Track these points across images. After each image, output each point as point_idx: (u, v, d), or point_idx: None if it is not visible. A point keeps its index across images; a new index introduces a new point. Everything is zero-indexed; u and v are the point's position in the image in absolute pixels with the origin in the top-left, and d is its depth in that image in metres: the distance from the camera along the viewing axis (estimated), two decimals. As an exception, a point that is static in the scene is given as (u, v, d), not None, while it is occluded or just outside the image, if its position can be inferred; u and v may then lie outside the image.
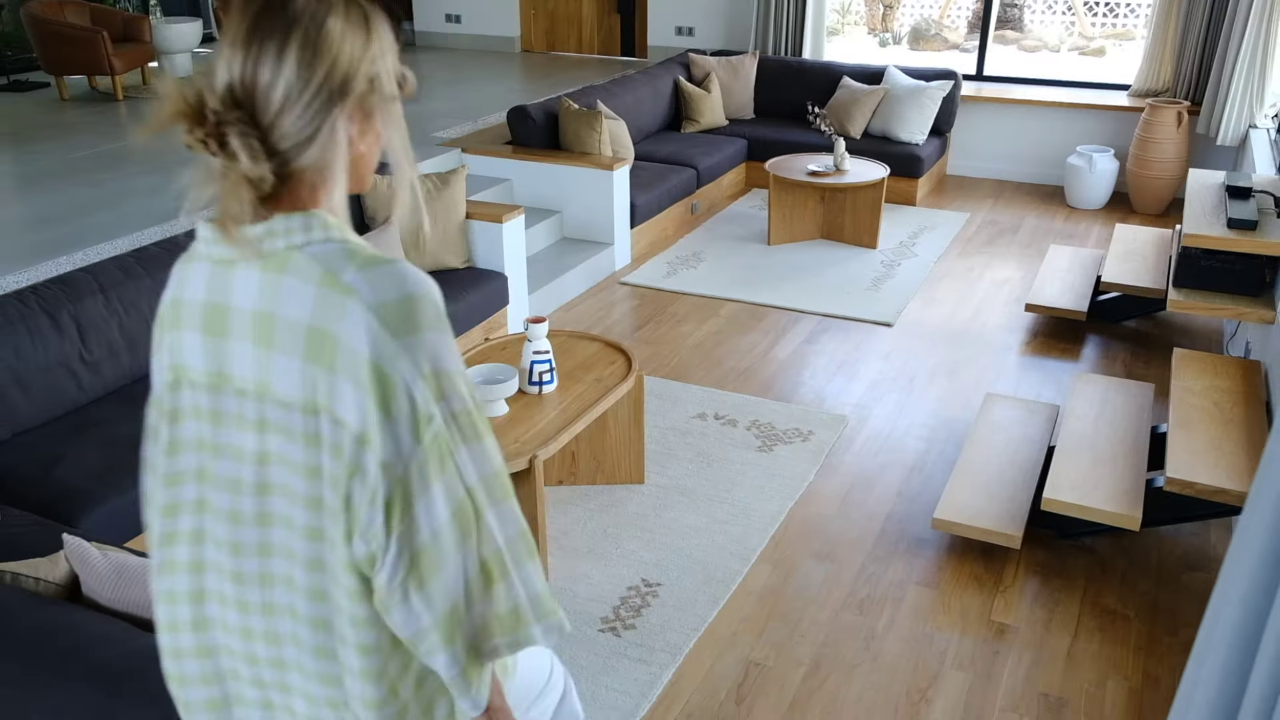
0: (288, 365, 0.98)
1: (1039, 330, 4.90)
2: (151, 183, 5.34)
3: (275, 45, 0.98)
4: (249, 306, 1.00)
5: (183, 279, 1.07)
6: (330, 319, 0.96)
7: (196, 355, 1.04)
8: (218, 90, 1.00)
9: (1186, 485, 2.81)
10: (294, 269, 0.99)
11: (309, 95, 0.99)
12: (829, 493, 3.60)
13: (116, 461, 3.16)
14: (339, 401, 0.97)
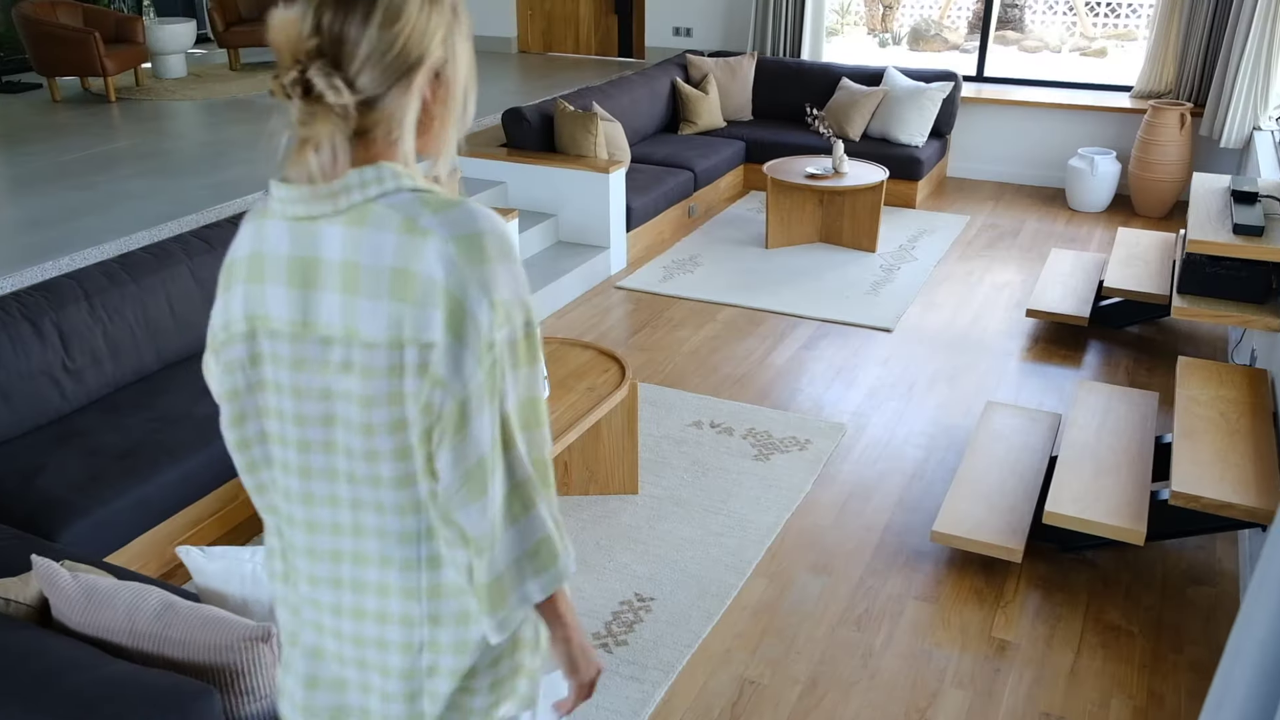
0: (374, 308, 1.04)
1: (1040, 336, 4.83)
2: (143, 186, 5.27)
3: (362, 8, 1.04)
4: (336, 258, 1.06)
5: (260, 235, 1.12)
6: (411, 259, 1.03)
7: (281, 305, 1.10)
8: (305, 39, 1.04)
9: (1192, 499, 2.74)
10: (374, 220, 1.05)
11: (390, 56, 1.05)
12: (826, 503, 3.54)
13: (99, 472, 3.09)
14: (423, 329, 1.03)
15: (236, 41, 8.42)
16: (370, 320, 1.05)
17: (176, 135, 6.39)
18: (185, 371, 3.68)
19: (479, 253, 1.07)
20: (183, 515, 3.28)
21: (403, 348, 1.05)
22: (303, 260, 1.09)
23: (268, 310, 1.11)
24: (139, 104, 7.29)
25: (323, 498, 1.14)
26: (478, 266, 1.06)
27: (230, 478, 3.39)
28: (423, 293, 1.04)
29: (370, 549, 1.14)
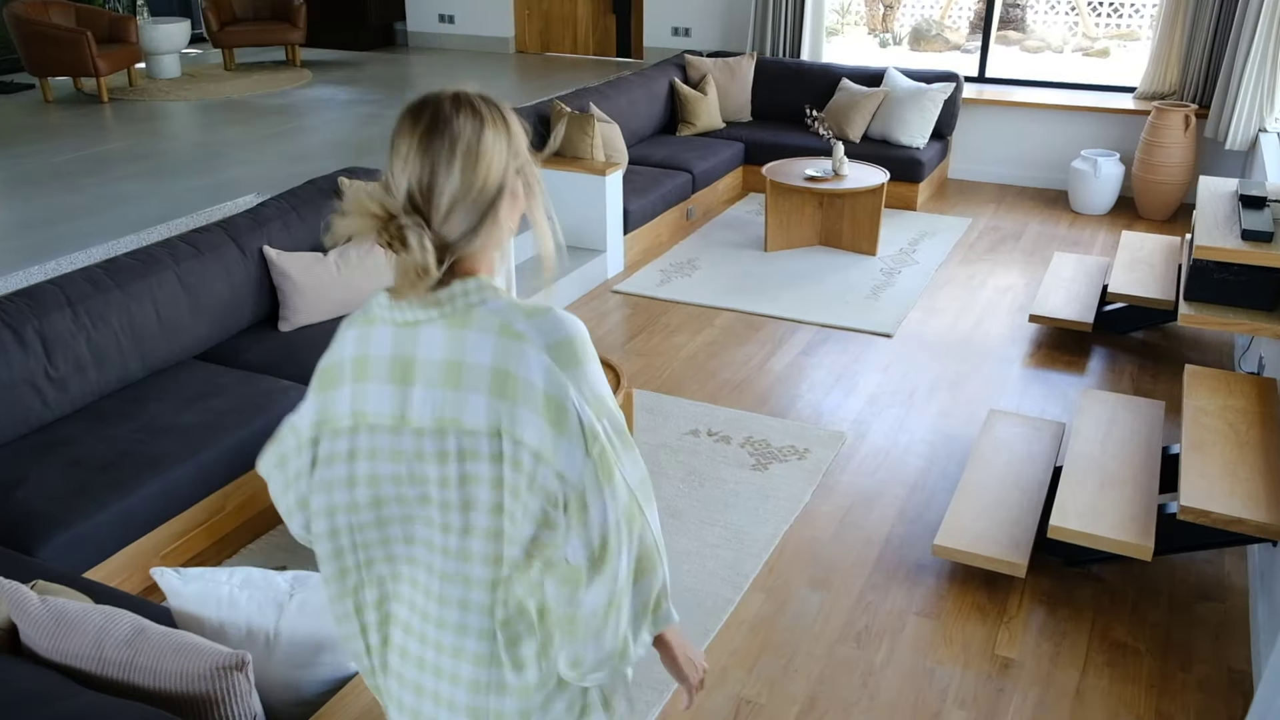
0: (475, 400, 1.17)
1: (1043, 341, 4.75)
2: (133, 188, 5.20)
3: (445, 159, 1.17)
4: (438, 357, 1.19)
5: (365, 339, 1.24)
6: (510, 361, 1.16)
7: (383, 402, 1.22)
8: (399, 199, 1.17)
9: (1202, 514, 2.66)
10: (475, 324, 1.19)
11: (473, 196, 1.19)
12: (826, 514, 3.46)
13: (82, 484, 3.02)
14: (519, 425, 1.16)
15: (231, 41, 8.35)
16: (472, 411, 1.18)
17: (169, 136, 6.31)
18: (172, 379, 3.60)
19: (571, 357, 1.19)
20: (167, 528, 3.21)
21: (501, 438, 1.18)
22: (403, 359, 1.21)
23: (368, 406, 1.23)
24: (132, 104, 7.22)
25: (411, 572, 1.27)
26: (571, 370, 1.19)
27: (217, 488, 3.32)
28: (523, 395, 1.17)
29: (451, 618, 1.26)
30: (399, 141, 1.19)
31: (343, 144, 6.08)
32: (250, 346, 3.86)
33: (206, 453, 3.25)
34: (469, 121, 1.20)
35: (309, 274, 4.00)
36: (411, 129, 1.19)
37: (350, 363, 1.25)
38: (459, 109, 1.20)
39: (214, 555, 3.30)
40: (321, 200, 4.31)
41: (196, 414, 3.40)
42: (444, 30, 9.32)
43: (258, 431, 3.40)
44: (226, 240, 3.92)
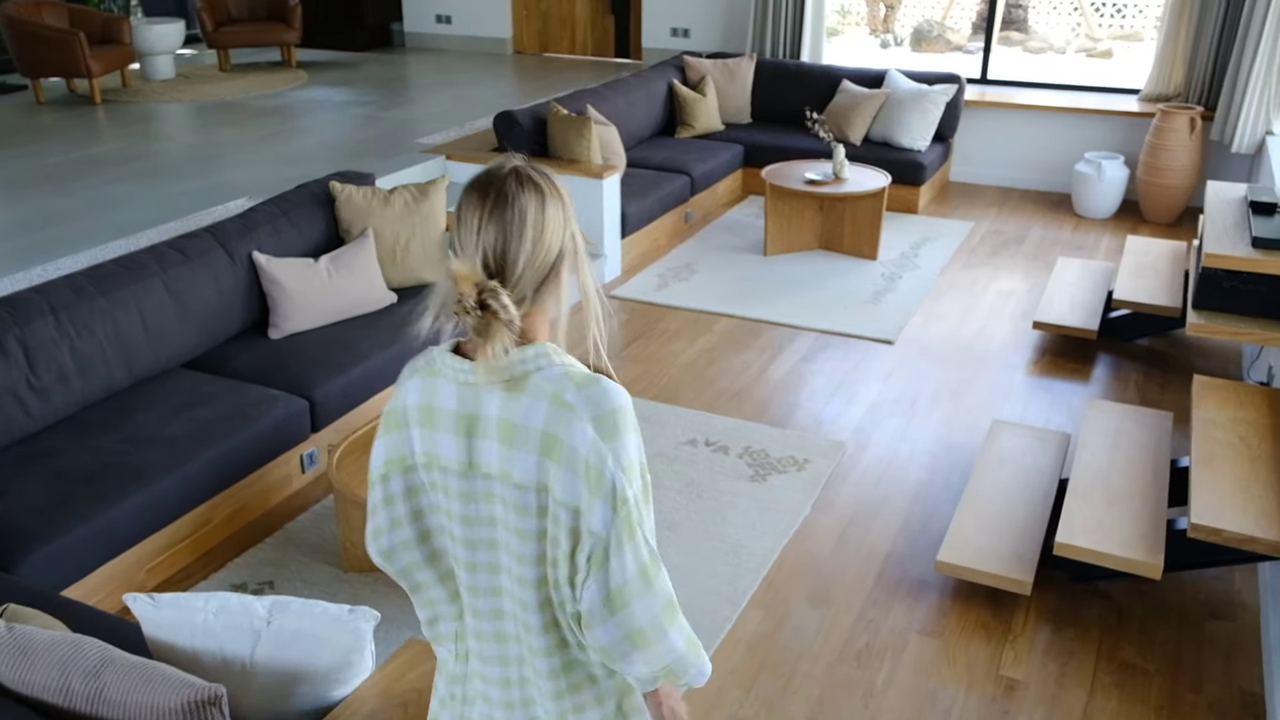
0: (525, 459, 1.32)
1: (1047, 348, 4.67)
2: (124, 191, 5.12)
3: (516, 229, 1.29)
4: (494, 415, 1.33)
5: (430, 390, 1.38)
6: (558, 427, 1.30)
7: (450, 450, 1.37)
8: (478, 267, 1.30)
9: (1213, 532, 2.59)
10: (530, 391, 1.32)
11: (539, 261, 1.32)
12: (826, 528, 3.39)
13: (64, 496, 2.95)
14: (561, 484, 1.31)
15: (226, 42, 8.27)
16: (521, 467, 1.32)
17: (162, 138, 6.24)
18: (158, 388, 3.53)
19: (612, 429, 1.32)
20: (152, 541, 3.14)
21: (546, 493, 1.32)
22: (467, 416, 1.36)
23: (438, 451, 1.38)
24: (125, 106, 7.15)
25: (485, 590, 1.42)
26: (611, 441, 1.31)
27: (204, 500, 3.24)
28: (567, 459, 1.31)
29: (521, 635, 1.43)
30: (468, 216, 1.31)
31: (337, 146, 6.01)
32: (239, 354, 3.78)
33: (192, 464, 3.18)
34: (533, 195, 1.33)
35: (299, 280, 3.93)
36: (480, 203, 1.31)
37: (415, 409, 1.40)
38: (522, 184, 1.32)
39: (200, 569, 3.23)
40: (312, 205, 4.24)
41: (183, 424, 3.32)
42: (441, 31, 9.24)
43: (245, 442, 3.33)
44: (215, 246, 3.85)
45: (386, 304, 4.17)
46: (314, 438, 3.66)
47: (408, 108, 7.04)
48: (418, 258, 4.31)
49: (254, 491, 3.46)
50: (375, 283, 4.13)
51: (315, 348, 3.81)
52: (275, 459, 3.50)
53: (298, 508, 3.54)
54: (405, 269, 4.31)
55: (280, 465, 3.54)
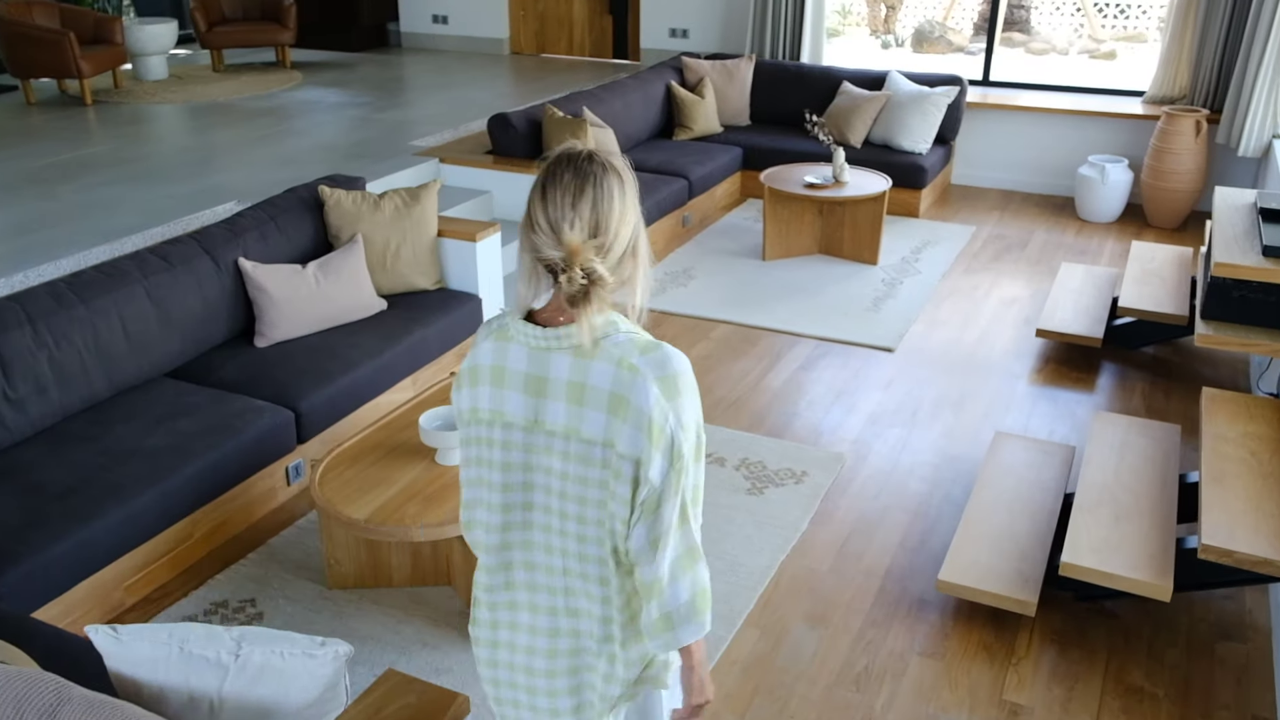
0: (594, 417, 1.45)
1: (1050, 356, 4.58)
2: (111, 195, 5.03)
3: (606, 208, 1.42)
4: (564, 377, 1.46)
5: (502, 352, 1.51)
6: (625, 388, 1.43)
7: (518, 407, 1.50)
8: (581, 238, 1.41)
9: (1225, 554, 2.50)
10: (600, 355, 1.45)
11: (625, 236, 1.45)
12: (824, 543, 3.30)
13: (39, 513, 2.86)
14: (625, 439, 1.44)
15: (220, 42, 8.18)
16: (590, 425, 1.46)
17: (152, 140, 6.15)
18: (140, 398, 3.44)
19: (674, 390, 1.45)
20: (130, 558, 3.05)
21: (612, 448, 1.46)
22: (536, 377, 1.49)
23: (504, 408, 1.52)
24: (116, 107, 7.06)
25: (540, 528, 1.57)
26: (674, 400, 1.45)
27: (184, 515, 3.15)
28: (634, 417, 1.44)
29: (573, 566, 1.57)
30: (560, 194, 1.41)
31: (330, 148, 5.92)
32: (224, 363, 3.69)
33: (173, 478, 3.09)
34: (614, 178, 1.45)
35: (286, 287, 3.84)
36: (572, 183, 1.42)
37: (488, 369, 1.52)
38: (604, 168, 1.45)
39: (180, 587, 3.14)
40: (301, 210, 4.15)
41: (164, 436, 3.23)
42: (438, 31, 9.15)
43: (227, 455, 3.24)
44: (199, 252, 3.76)
45: (376, 311, 4.08)
46: (300, 449, 3.57)
47: (402, 109, 6.95)
48: (408, 263, 4.22)
49: (237, 505, 3.37)
50: (365, 289, 4.04)
51: (302, 356, 3.72)
52: (259, 472, 3.41)
53: (282, 522, 3.45)
54: (396, 275, 4.22)
55: (264, 478, 3.46)
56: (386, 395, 3.93)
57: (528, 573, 1.61)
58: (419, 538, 2.64)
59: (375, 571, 3.10)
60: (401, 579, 3.12)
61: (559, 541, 1.56)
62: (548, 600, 1.61)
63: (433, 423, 2.94)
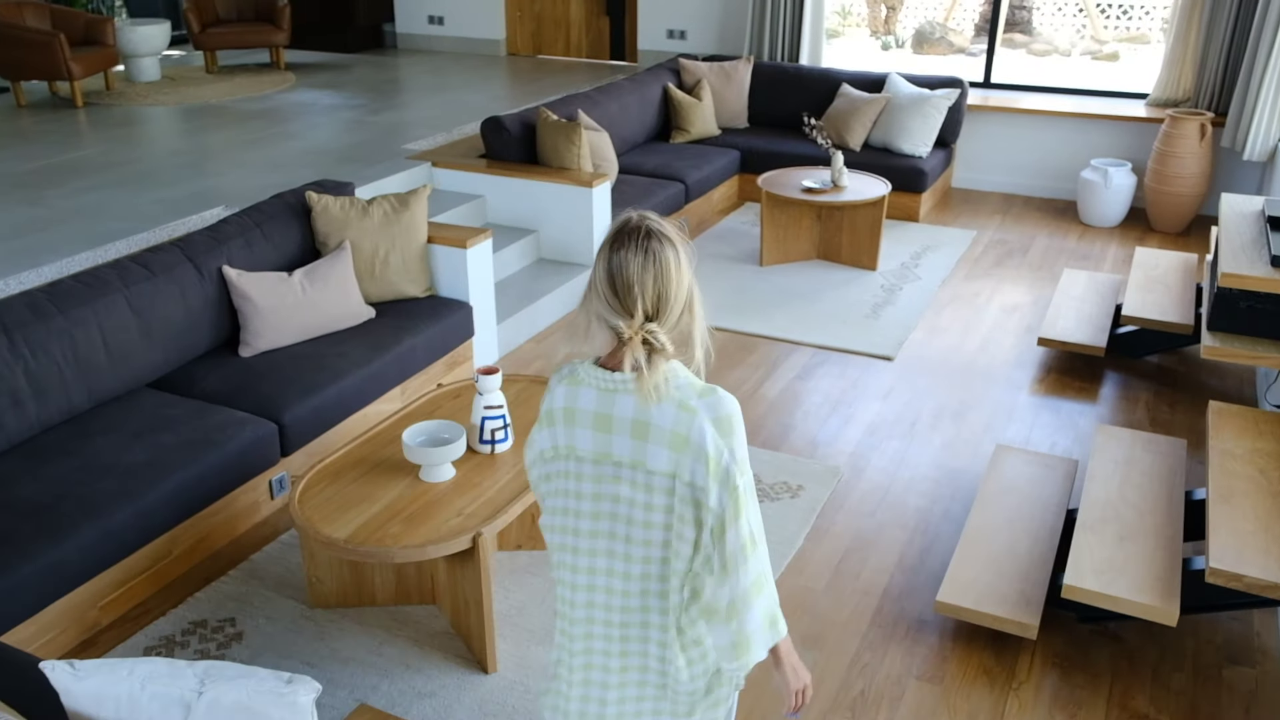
0: (657, 452, 1.63)
1: (1053, 366, 4.49)
2: (97, 200, 4.95)
3: (664, 280, 1.59)
4: (629, 416, 1.64)
5: (574, 395, 1.69)
6: (684, 427, 1.61)
7: (587, 442, 1.68)
8: (640, 316, 1.60)
9: (1233, 578, 2.41)
10: (668, 406, 1.63)
11: (683, 299, 1.62)
12: (819, 561, 3.21)
13: (10, 531, 2.77)
14: (688, 470, 1.62)
15: (213, 43, 8.10)
16: (655, 458, 1.65)
17: (142, 143, 6.07)
18: (120, 411, 3.36)
19: (728, 429, 1.64)
20: (106, 576, 2.97)
21: (675, 479, 1.64)
22: (603, 415, 1.67)
23: (575, 443, 1.71)
24: (107, 109, 6.98)
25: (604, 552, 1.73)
26: (727, 438, 1.64)
27: (163, 531, 3.07)
28: (693, 453, 1.62)
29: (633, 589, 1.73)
30: (625, 271, 1.59)
31: (322, 152, 5.83)
32: (207, 374, 3.61)
33: (151, 494, 3.01)
34: (670, 249, 1.62)
35: (272, 295, 3.76)
36: (635, 260, 1.59)
37: (561, 411, 1.71)
38: (660, 241, 1.61)
39: (158, 605, 3.06)
40: (288, 216, 4.07)
41: (143, 450, 3.15)
42: (433, 32, 9.06)
43: (208, 469, 3.16)
44: (182, 260, 3.67)
45: (364, 319, 4.00)
46: (284, 462, 3.49)
47: (397, 111, 6.87)
48: (397, 271, 4.14)
49: (219, 520, 3.29)
50: (352, 297, 3.96)
51: (287, 366, 3.64)
52: (242, 486, 3.33)
53: (266, 536, 3.37)
54: (385, 282, 4.14)
55: (247, 492, 3.37)
56: (374, 406, 3.84)
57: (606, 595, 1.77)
58: (399, 560, 2.56)
59: (358, 590, 3.02)
60: (385, 598, 3.04)
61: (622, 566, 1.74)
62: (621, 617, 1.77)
63: (416, 438, 2.86)
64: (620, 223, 1.64)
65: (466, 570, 2.72)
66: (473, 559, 2.66)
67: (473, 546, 2.63)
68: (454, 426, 2.89)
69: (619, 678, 1.80)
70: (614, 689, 1.80)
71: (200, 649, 2.87)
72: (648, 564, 1.70)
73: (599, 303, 1.63)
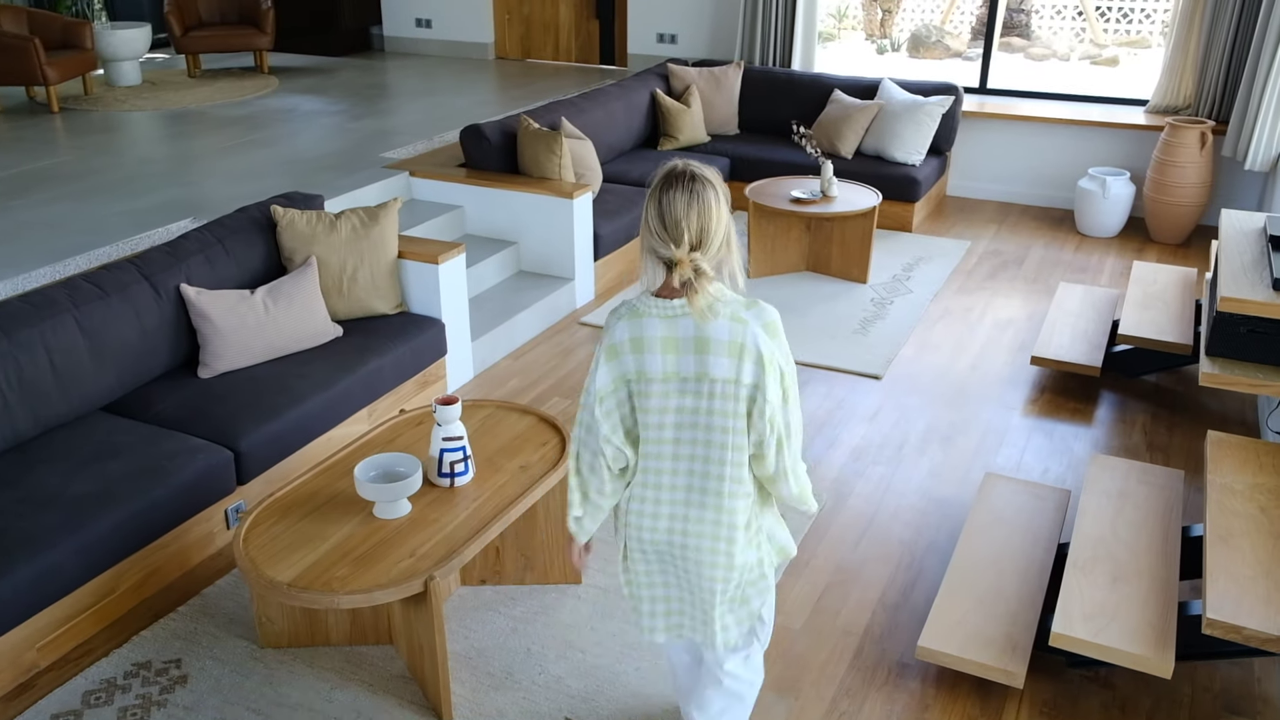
0: (718, 361, 1.92)
1: (1046, 385, 4.34)
2: (60, 212, 4.80)
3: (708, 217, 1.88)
4: (691, 335, 1.93)
5: (638, 326, 1.96)
6: (740, 336, 1.91)
7: (656, 365, 1.96)
8: (687, 247, 1.88)
9: (1232, 629, 2.26)
10: (716, 315, 1.92)
11: (722, 233, 1.91)
12: (797, 598, 3.06)
13: (-56, 567, 2.63)
14: (747, 373, 1.93)
15: (195, 47, 7.95)
16: (716, 368, 1.92)
17: (115, 151, 5.92)
18: (68, 437, 3.21)
19: (774, 332, 1.95)
20: (46, 614, 2.82)
21: (736, 383, 1.92)
22: (670, 338, 1.94)
23: (646, 368, 1.97)
24: (85, 115, 6.83)
25: (686, 456, 2.02)
26: (774, 339, 1.95)
27: (107, 567, 2.92)
28: (750, 357, 1.91)
29: (711, 485, 2.02)
30: (674, 209, 1.86)
31: (298, 161, 5.68)
32: (164, 396, 3.46)
33: (95, 527, 2.86)
34: (710, 190, 1.89)
35: (233, 315, 3.61)
36: (682, 199, 1.86)
37: (628, 342, 1.96)
38: (702, 183, 1.88)
39: (101, 644, 2.91)
40: (251, 231, 3.92)
41: (89, 480, 3.00)
42: (421, 35, 8.91)
43: (158, 500, 3.01)
44: (138, 279, 3.53)
45: (331, 338, 3.85)
46: (241, 490, 3.34)
47: (379, 117, 6.72)
48: (366, 287, 3.99)
49: (169, 553, 3.14)
50: (318, 316, 3.81)
51: (247, 389, 3.49)
52: (195, 516, 3.18)
53: (220, 569, 3.22)
54: (353, 299, 3.99)
55: (200, 522, 3.22)
56: (340, 429, 3.70)
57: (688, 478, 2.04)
58: (344, 606, 2.41)
59: (311, 630, 2.87)
60: (340, 637, 2.89)
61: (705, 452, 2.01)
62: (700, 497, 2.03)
63: (369, 473, 2.71)
64: (668, 169, 1.90)
65: (420, 614, 2.57)
66: (424, 607, 2.51)
67: (425, 592, 2.48)
68: (410, 460, 2.74)
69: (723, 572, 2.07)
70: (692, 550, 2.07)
71: (143, 693, 2.72)
72: (712, 462, 2.00)
73: (651, 239, 1.90)
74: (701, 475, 2.01)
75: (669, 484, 2.04)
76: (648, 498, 2.06)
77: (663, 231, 1.86)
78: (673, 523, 2.05)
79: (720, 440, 1.96)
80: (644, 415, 2.00)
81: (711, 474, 2.00)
